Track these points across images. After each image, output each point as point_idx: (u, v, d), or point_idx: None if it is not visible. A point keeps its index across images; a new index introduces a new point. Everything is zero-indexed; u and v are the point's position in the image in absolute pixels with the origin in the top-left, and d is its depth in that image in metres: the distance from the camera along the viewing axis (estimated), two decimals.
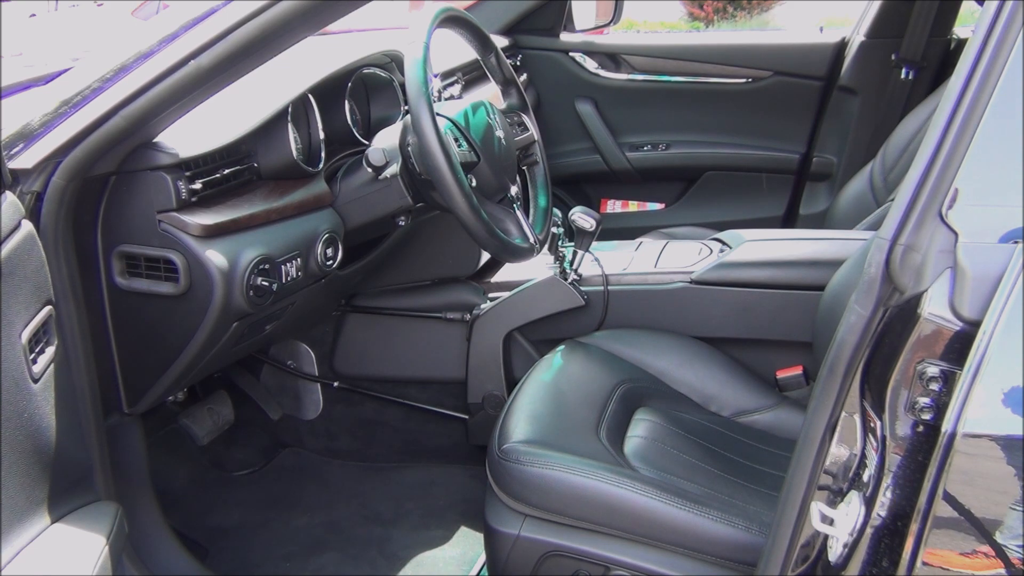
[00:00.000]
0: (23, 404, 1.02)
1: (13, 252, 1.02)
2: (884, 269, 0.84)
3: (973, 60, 0.81)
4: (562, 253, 1.83)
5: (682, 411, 1.55)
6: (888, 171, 2.15)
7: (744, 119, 2.79)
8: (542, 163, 1.80)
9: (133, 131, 1.18)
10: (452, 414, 2.04)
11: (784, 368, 1.73)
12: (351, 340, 2.06)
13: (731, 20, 12.28)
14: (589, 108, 2.86)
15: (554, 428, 1.40)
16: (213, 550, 1.82)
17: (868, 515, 0.86)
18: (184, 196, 1.28)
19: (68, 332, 1.20)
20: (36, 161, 1.13)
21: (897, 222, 0.83)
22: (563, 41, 2.87)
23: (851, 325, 0.88)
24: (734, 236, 1.86)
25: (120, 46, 1.17)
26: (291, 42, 1.23)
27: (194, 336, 1.35)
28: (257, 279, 1.34)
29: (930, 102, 2.17)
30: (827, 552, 0.92)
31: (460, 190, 1.41)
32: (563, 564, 1.31)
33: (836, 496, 0.93)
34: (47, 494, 1.07)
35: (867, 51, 2.62)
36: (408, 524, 1.91)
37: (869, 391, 0.89)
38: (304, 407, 2.14)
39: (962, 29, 2.61)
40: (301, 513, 1.94)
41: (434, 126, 1.38)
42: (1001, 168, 0.82)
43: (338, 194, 1.59)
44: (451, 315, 1.96)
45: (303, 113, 1.56)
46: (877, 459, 0.86)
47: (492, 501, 1.38)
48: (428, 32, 1.44)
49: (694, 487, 1.31)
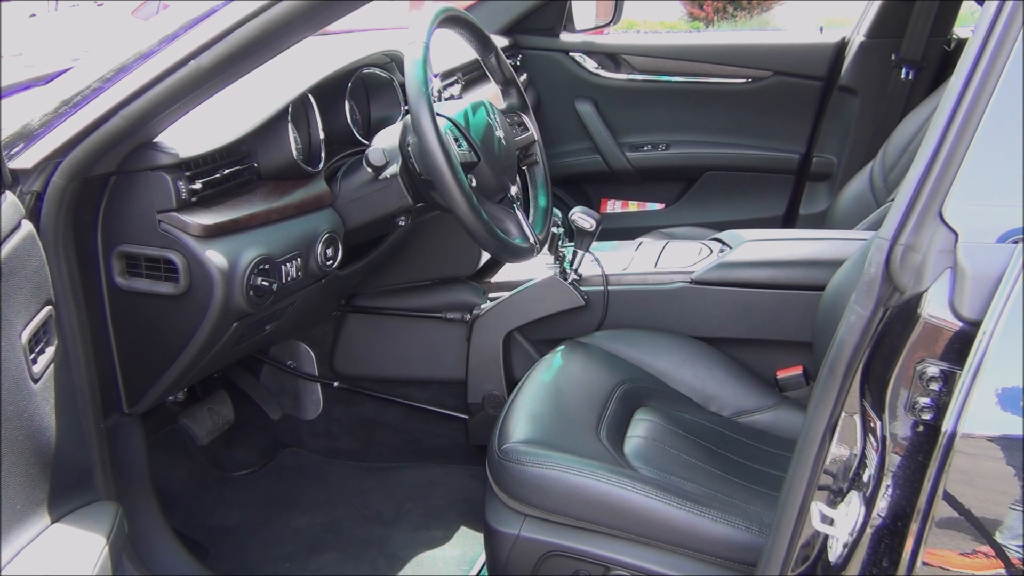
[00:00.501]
0: (23, 404, 1.02)
1: (13, 252, 1.02)
2: (884, 269, 0.84)
3: (973, 60, 0.81)
4: (562, 253, 1.83)
5: (682, 411, 1.55)
6: (888, 171, 2.15)
7: (744, 119, 2.78)
8: (542, 163, 1.80)
9: (133, 131, 1.18)
10: (452, 414, 2.04)
11: (784, 368, 1.73)
12: (351, 340, 2.06)
13: (731, 20, 12.28)
14: (589, 108, 2.86)
15: (554, 428, 1.40)
16: (213, 550, 1.82)
17: (868, 515, 0.86)
18: (184, 196, 1.28)
19: (68, 332, 1.20)
20: (36, 161, 1.13)
21: (897, 222, 0.83)
22: (563, 41, 2.87)
23: (851, 325, 0.88)
24: (734, 236, 1.86)
25: (120, 46, 1.17)
26: (291, 42, 1.23)
27: (194, 336, 1.35)
28: (257, 279, 1.34)
29: (930, 102, 2.17)
30: (827, 552, 0.92)
31: (460, 190, 1.41)
32: (563, 564, 1.31)
33: (836, 496, 0.93)
34: (47, 494, 1.07)
35: (867, 51, 2.62)
36: (408, 524, 1.91)
37: (869, 391, 0.89)
38: (304, 407, 2.14)
39: (962, 29, 2.61)
40: (301, 513, 1.94)
41: (434, 126, 1.38)
42: (1001, 168, 0.81)
43: (338, 194, 1.59)
44: (451, 315, 1.96)
45: (303, 113, 1.56)
46: (877, 459, 0.86)
47: (492, 501, 1.38)
48: (428, 32, 1.44)
49: (694, 487, 1.31)
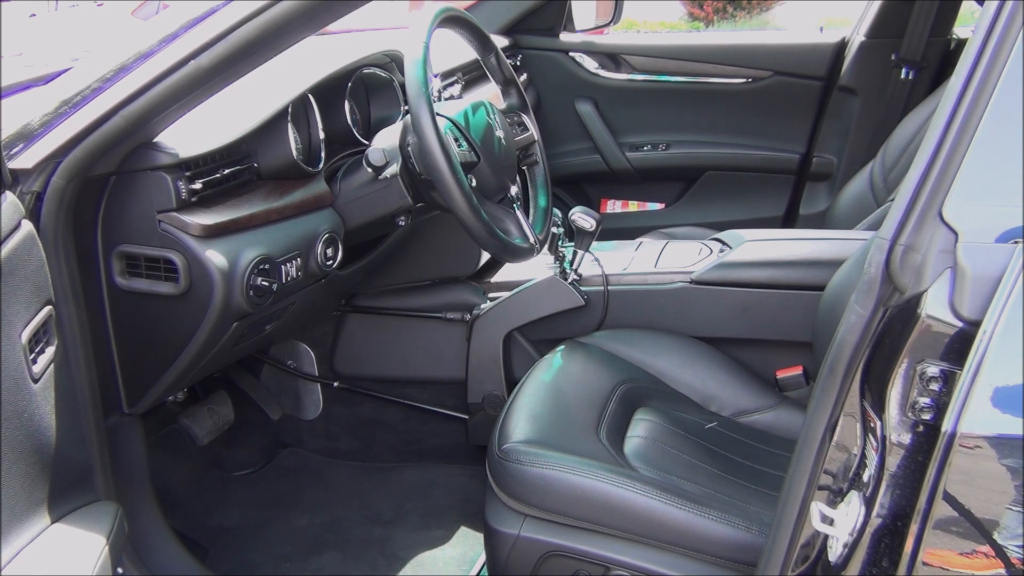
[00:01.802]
0: (23, 404, 1.02)
1: (13, 252, 1.02)
2: (884, 269, 0.84)
3: (973, 60, 0.81)
4: (562, 253, 1.83)
5: (682, 411, 1.55)
6: (888, 171, 2.15)
7: (744, 119, 2.78)
8: (542, 163, 1.80)
9: (133, 131, 1.18)
10: (452, 414, 2.04)
11: (784, 368, 1.72)
12: (351, 340, 2.05)
13: (731, 20, 12.28)
14: (589, 108, 2.86)
15: (554, 428, 1.40)
16: (213, 550, 1.82)
17: (868, 515, 0.86)
18: (184, 196, 1.28)
19: (68, 332, 1.20)
20: (36, 161, 1.13)
21: (897, 222, 0.83)
22: (563, 41, 2.87)
23: (851, 325, 0.88)
24: (734, 236, 1.86)
25: (120, 46, 1.17)
26: (291, 42, 1.23)
27: (194, 336, 1.35)
28: (257, 279, 1.34)
29: (930, 102, 2.17)
30: (827, 552, 0.92)
31: (460, 190, 1.41)
32: (563, 564, 1.31)
33: (836, 496, 0.93)
34: (47, 494, 1.07)
35: (867, 51, 2.62)
36: (408, 524, 1.91)
37: (869, 391, 0.89)
38: (304, 407, 2.14)
39: (962, 29, 2.61)
40: (301, 513, 1.94)
41: (434, 126, 1.38)
42: (1001, 168, 0.81)
43: (338, 194, 1.59)
44: (451, 315, 1.96)
45: (303, 113, 1.56)
46: (877, 459, 0.86)
47: (492, 501, 1.38)
48: (428, 32, 1.44)
49: (694, 487, 1.31)
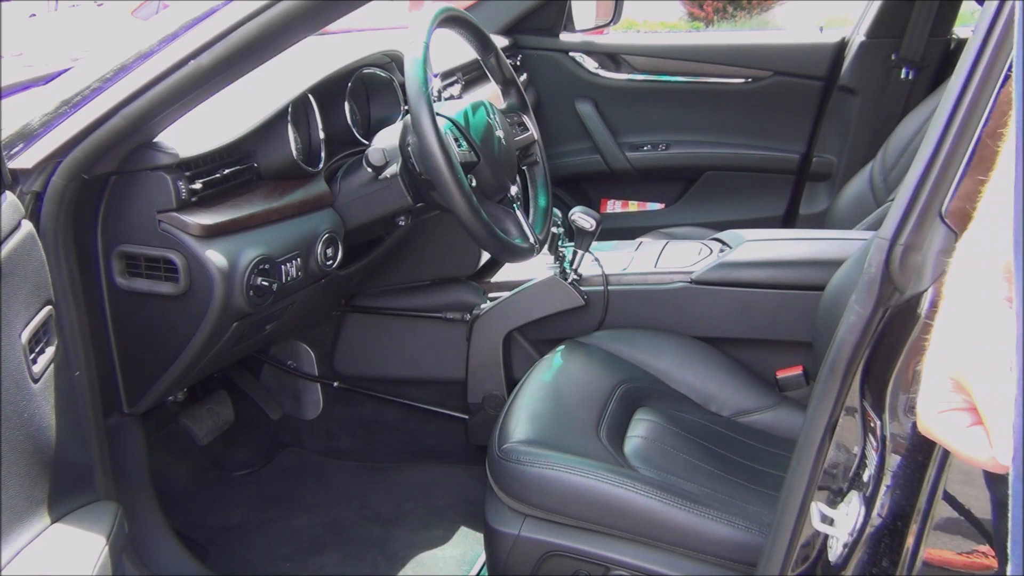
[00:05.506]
0: (23, 404, 1.02)
1: (13, 252, 1.02)
2: (884, 269, 0.84)
3: (973, 60, 0.81)
4: (562, 253, 1.82)
5: (682, 411, 1.55)
6: (888, 171, 2.15)
7: (744, 119, 2.78)
8: (542, 163, 1.80)
9: (133, 131, 1.18)
10: (452, 414, 2.04)
11: (784, 368, 1.72)
12: (351, 340, 2.05)
13: (731, 20, 12.27)
14: (589, 108, 2.86)
15: (554, 428, 1.40)
16: (213, 550, 1.82)
17: (868, 515, 0.86)
18: (184, 196, 1.28)
19: (68, 332, 1.20)
20: (36, 161, 1.13)
21: (897, 222, 0.83)
22: (563, 41, 2.87)
23: (851, 325, 0.88)
24: (734, 236, 1.86)
25: (120, 46, 1.17)
26: (291, 42, 1.23)
27: (194, 336, 1.35)
28: (257, 279, 1.34)
29: (930, 102, 2.17)
30: (827, 552, 0.92)
31: (460, 190, 1.41)
32: (563, 564, 1.31)
33: (836, 496, 0.93)
34: (47, 494, 1.07)
35: (867, 51, 2.62)
36: (408, 524, 1.91)
37: (869, 391, 0.89)
38: (304, 407, 2.14)
39: (962, 29, 2.61)
40: (301, 513, 1.94)
41: (434, 126, 1.38)
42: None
43: (338, 194, 1.59)
44: (451, 315, 1.96)
45: (303, 113, 1.56)
46: (877, 459, 0.86)
47: (492, 501, 1.38)
48: (428, 32, 1.44)
49: (694, 487, 1.31)
